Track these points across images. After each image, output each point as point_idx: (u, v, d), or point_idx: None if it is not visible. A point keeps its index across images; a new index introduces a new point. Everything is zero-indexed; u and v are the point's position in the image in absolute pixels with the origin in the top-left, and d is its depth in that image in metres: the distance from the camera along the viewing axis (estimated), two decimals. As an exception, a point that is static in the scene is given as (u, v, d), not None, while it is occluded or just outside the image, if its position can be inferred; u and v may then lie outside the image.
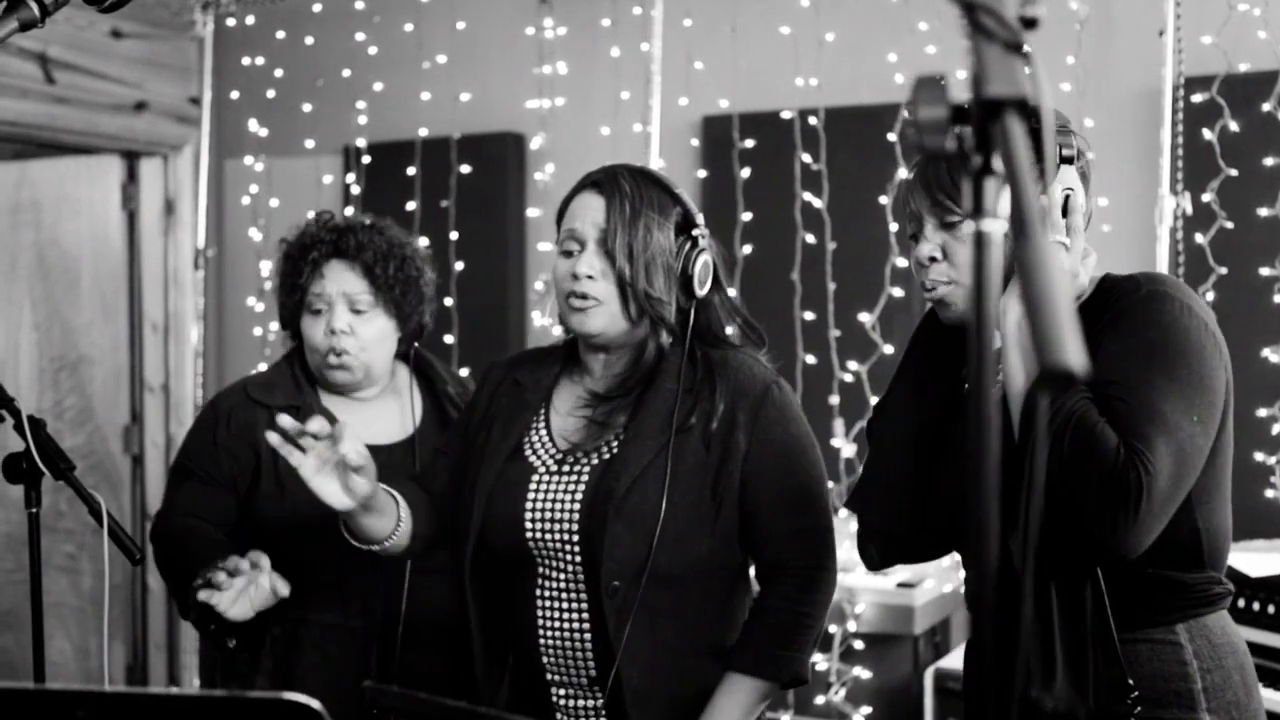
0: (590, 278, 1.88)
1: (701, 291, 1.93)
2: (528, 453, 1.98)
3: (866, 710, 3.29)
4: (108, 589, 1.92)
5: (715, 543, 1.89)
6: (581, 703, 1.91)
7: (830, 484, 2.41)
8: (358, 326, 2.31)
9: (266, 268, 4.15)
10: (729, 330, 1.99)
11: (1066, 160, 1.53)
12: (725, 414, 1.89)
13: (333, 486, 1.82)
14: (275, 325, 4.15)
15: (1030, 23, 0.84)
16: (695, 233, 1.94)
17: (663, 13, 3.51)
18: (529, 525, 1.91)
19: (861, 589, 3.27)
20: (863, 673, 3.29)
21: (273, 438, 1.79)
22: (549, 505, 1.91)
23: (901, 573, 3.33)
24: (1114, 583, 1.53)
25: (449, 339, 3.84)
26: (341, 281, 2.31)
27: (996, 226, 0.84)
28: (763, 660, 1.89)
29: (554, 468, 1.94)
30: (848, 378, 3.45)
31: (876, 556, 1.80)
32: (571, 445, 1.95)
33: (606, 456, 1.91)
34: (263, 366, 4.22)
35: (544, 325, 3.89)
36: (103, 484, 4.41)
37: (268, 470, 2.31)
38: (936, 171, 1.60)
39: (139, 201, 4.46)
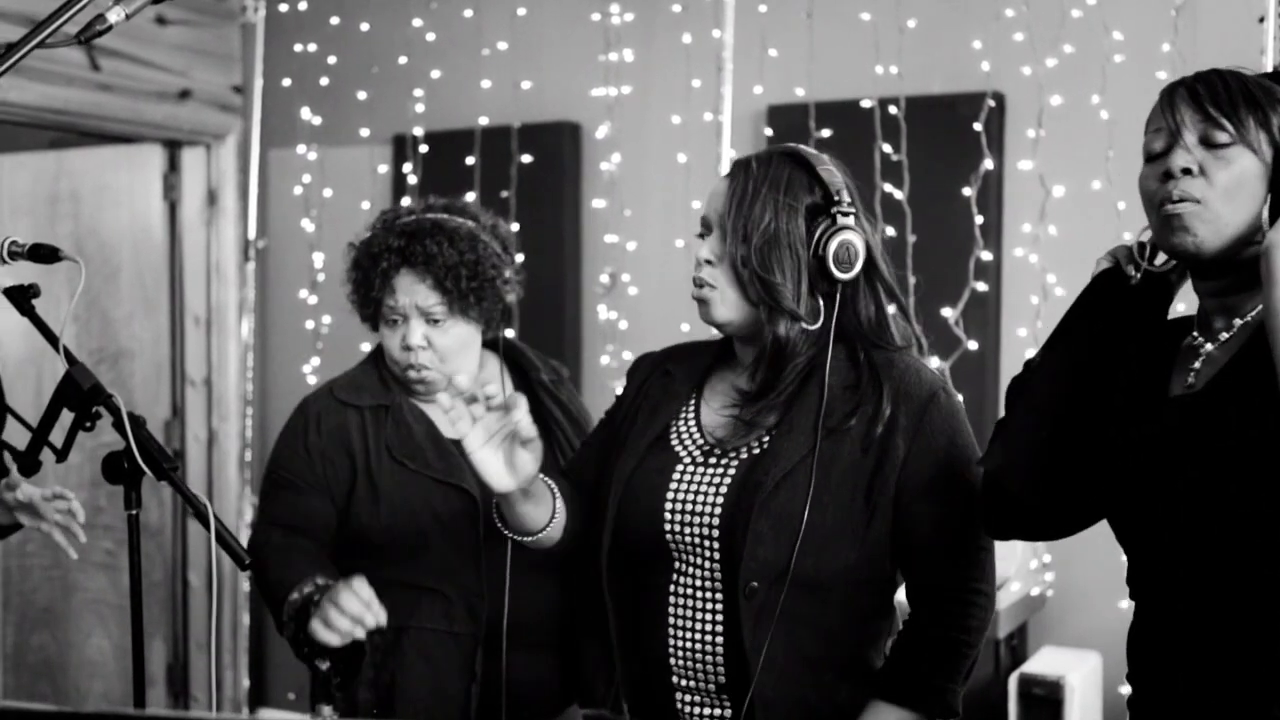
0: (708, 262, 1.80)
1: (843, 275, 1.79)
2: (673, 442, 1.88)
3: (948, 715, 3.20)
4: (215, 594, 1.82)
5: (865, 551, 1.77)
6: (709, 711, 1.81)
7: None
8: (434, 337, 2.22)
9: (320, 259, 4.05)
10: (889, 322, 1.85)
11: None
12: (888, 418, 1.77)
13: (497, 463, 1.72)
14: (328, 319, 4.10)
15: None
16: (834, 211, 1.79)
17: (735, -2, 3.42)
18: (668, 516, 1.81)
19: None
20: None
21: (444, 400, 1.69)
22: (691, 496, 1.81)
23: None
24: None
25: (509, 332, 3.73)
26: (414, 295, 2.20)
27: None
28: (915, 691, 1.77)
29: (700, 459, 1.84)
30: (929, 374, 3.35)
31: (1001, 523, 1.71)
32: (718, 440, 1.85)
33: (756, 451, 1.80)
34: (316, 360, 4.13)
35: (608, 320, 3.80)
36: (143, 479, 4.29)
37: (362, 475, 2.23)
38: (1211, 88, 1.50)
39: (181, 191, 4.36)
